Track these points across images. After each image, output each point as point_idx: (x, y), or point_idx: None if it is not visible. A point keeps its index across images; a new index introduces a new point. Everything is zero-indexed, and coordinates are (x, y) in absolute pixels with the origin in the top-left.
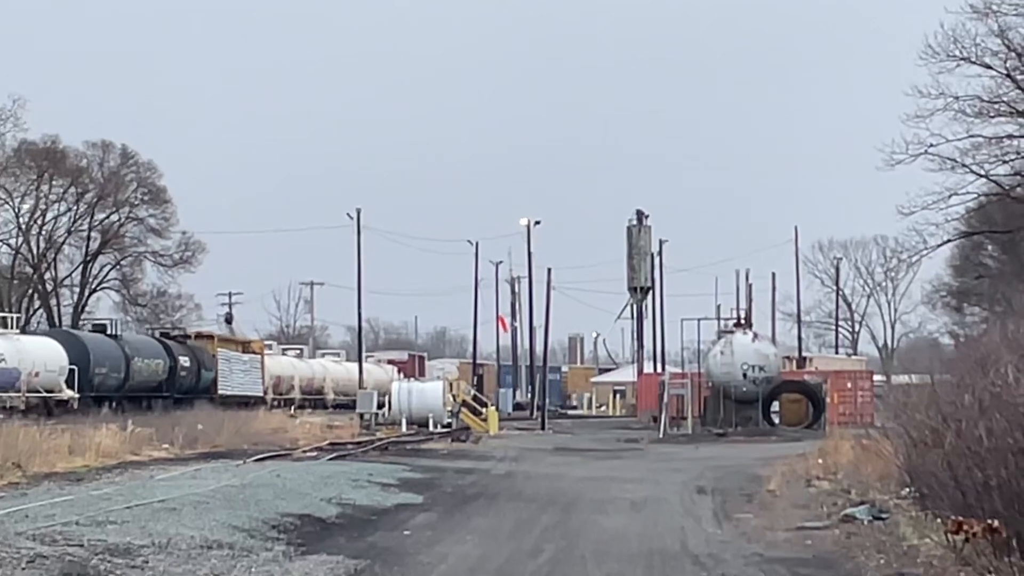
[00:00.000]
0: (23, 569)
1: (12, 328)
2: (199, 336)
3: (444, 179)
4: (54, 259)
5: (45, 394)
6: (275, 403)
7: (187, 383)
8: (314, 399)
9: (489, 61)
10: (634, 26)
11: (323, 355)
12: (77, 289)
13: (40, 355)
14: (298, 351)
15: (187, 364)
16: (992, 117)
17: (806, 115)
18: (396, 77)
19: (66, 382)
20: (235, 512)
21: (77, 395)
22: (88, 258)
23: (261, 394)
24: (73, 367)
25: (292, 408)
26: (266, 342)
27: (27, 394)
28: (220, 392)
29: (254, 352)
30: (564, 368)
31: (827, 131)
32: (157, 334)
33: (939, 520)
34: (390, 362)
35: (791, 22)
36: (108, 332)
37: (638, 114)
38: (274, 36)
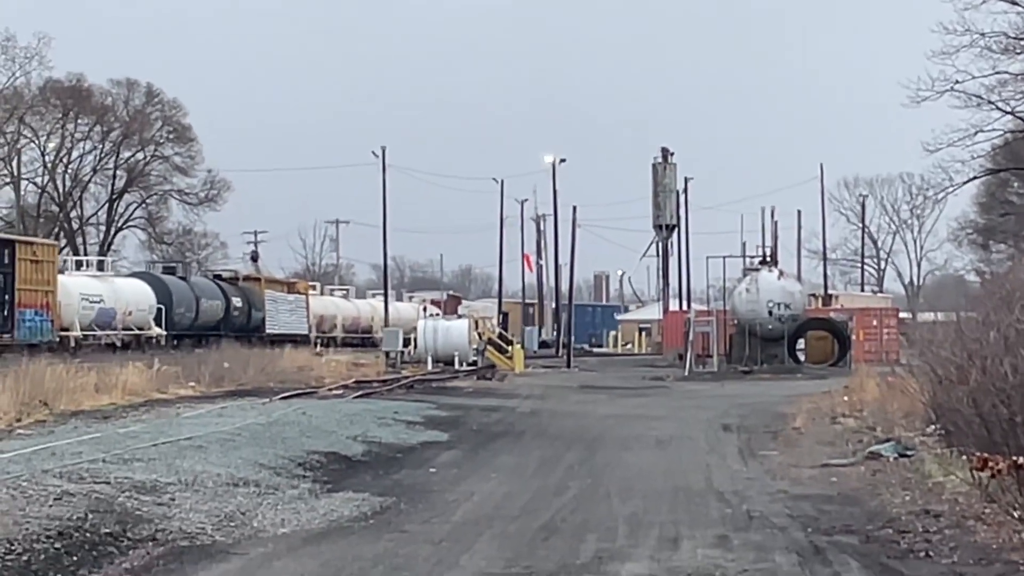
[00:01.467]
0: (50, 506)
1: (108, 270)
2: (248, 278)
3: (470, 117)
4: (80, 197)
5: (137, 331)
6: (318, 341)
7: (239, 322)
8: (361, 337)
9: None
10: None
11: (373, 295)
12: (103, 227)
13: (132, 295)
14: (344, 291)
15: (239, 304)
16: (1018, 53)
17: (832, 52)
18: (424, 13)
19: (154, 320)
20: (261, 450)
21: (164, 332)
22: (114, 196)
23: (306, 332)
24: (160, 306)
25: (330, 348)
26: (311, 283)
27: (122, 332)
28: (268, 331)
29: (299, 292)
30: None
31: (852, 68)
32: (211, 276)
33: (964, 457)
34: (433, 302)
35: None
36: (178, 274)
37: (664, 53)
38: None
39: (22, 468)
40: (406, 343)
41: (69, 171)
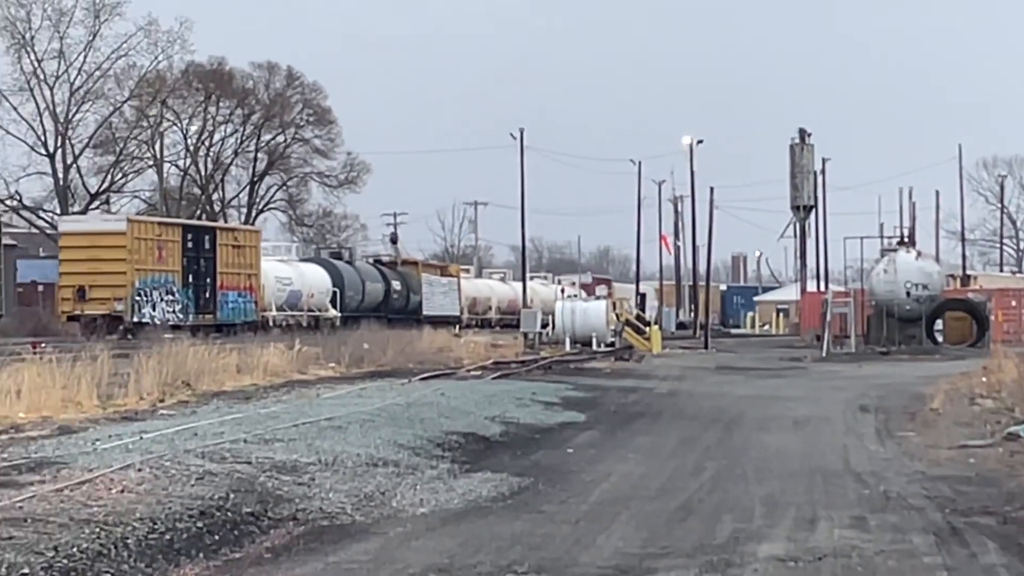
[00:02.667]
0: (192, 485)
1: (294, 255)
2: (406, 262)
3: (607, 98)
4: (221, 180)
5: (317, 313)
6: (471, 323)
7: (397, 305)
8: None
9: None
10: None
11: (491, 275)
12: (244, 210)
13: (313, 279)
14: (502, 275)
15: (398, 288)
16: None
17: (970, 31)
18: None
19: (330, 302)
20: (400, 430)
21: (339, 314)
22: (255, 179)
23: (458, 314)
24: (336, 289)
25: (484, 329)
26: (464, 267)
27: (306, 313)
28: (425, 313)
29: (451, 275)
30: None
31: (992, 47)
32: (371, 260)
33: None
34: (583, 286)
35: None
36: (345, 259)
37: (803, 32)
38: None
39: (165, 448)
40: (544, 324)
41: (211, 154)
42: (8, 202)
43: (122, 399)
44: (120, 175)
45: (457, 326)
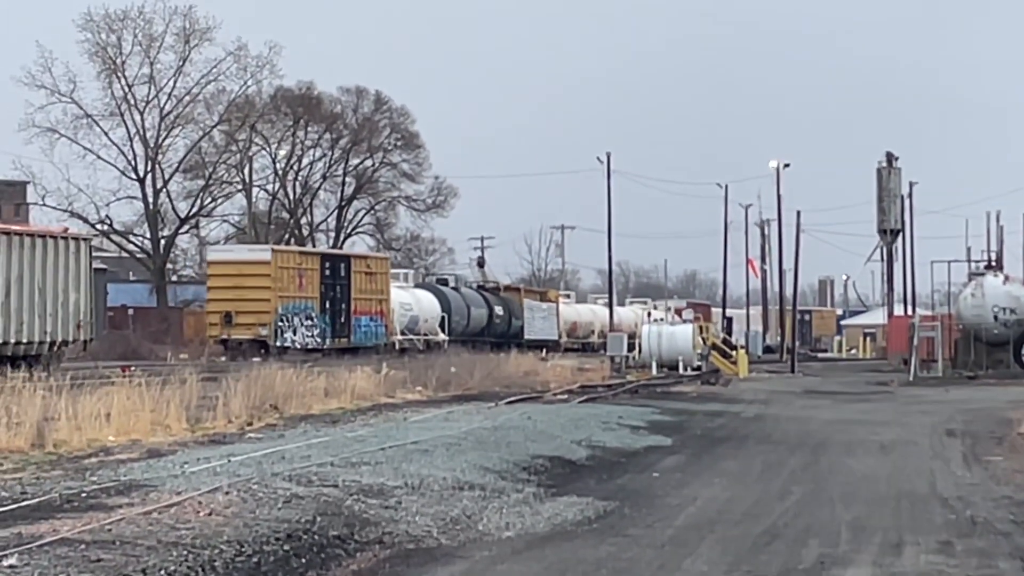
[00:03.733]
0: (279, 509)
1: (410, 283)
2: (508, 288)
3: (694, 122)
4: (310, 204)
5: (429, 336)
6: (572, 346)
7: (500, 329)
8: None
9: (739, 5)
10: None
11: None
12: (332, 234)
13: (426, 305)
14: (606, 300)
15: (500, 313)
16: None
17: None
18: (649, 23)
19: (439, 326)
20: (486, 454)
21: (448, 338)
22: (343, 203)
23: (556, 338)
24: (444, 315)
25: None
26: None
27: (423, 336)
28: (526, 337)
29: (551, 301)
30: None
31: None
32: (475, 286)
33: None
34: (678, 312)
35: None
36: (451, 285)
37: (891, 55)
38: None
39: (252, 471)
40: (631, 348)
41: (299, 178)
42: (99, 226)
43: (211, 422)
44: (209, 199)
45: (546, 350)
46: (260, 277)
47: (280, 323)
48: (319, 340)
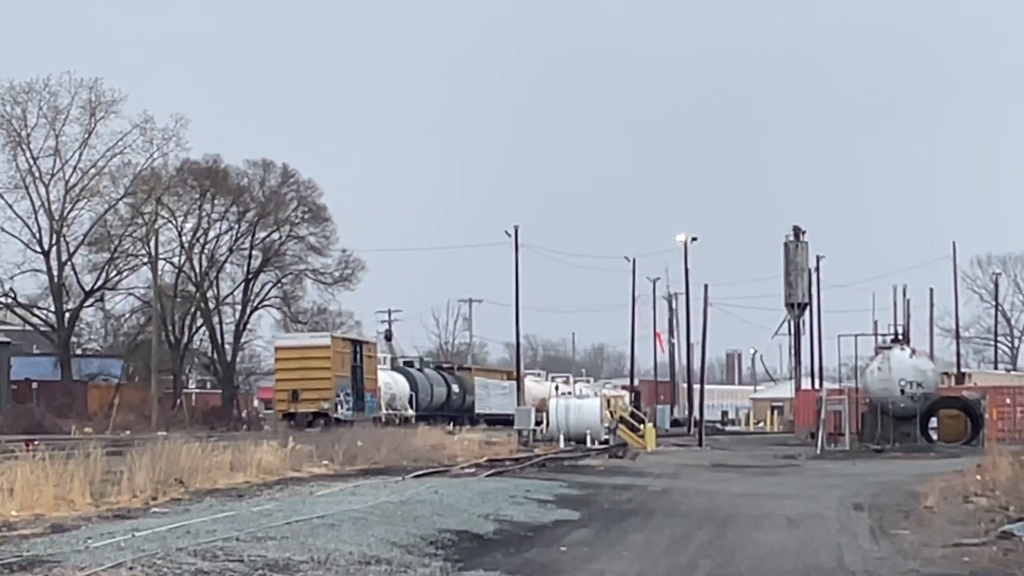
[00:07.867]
0: None
1: (386, 364)
2: (461, 368)
3: (601, 196)
4: (216, 277)
5: (401, 412)
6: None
7: (455, 404)
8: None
9: (650, 83)
10: (781, 41)
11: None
12: (239, 307)
13: (400, 384)
14: (565, 378)
15: (457, 391)
16: None
17: (963, 131)
18: (553, 97)
19: (408, 403)
20: (393, 528)
21: (415, 413)
22: (250, 276)
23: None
24: (412, 393)
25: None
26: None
27: (397, 412)
28: (477, 412)
29: (512, 379)
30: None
31: (985, 146)
32: (433, 367)
33: None
34: (624, 387)
35: (941, 43)
36: (416, 367)
37: (795, 133)
38: (421, 59)
39: (157, 546)
40: (538, 422)
41: (206, 251)
42: (3, 299)
43: (115, 496)
44: (115, 272)
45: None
46: (322, 359)
47: (337, 398)
48: (351, 412)
